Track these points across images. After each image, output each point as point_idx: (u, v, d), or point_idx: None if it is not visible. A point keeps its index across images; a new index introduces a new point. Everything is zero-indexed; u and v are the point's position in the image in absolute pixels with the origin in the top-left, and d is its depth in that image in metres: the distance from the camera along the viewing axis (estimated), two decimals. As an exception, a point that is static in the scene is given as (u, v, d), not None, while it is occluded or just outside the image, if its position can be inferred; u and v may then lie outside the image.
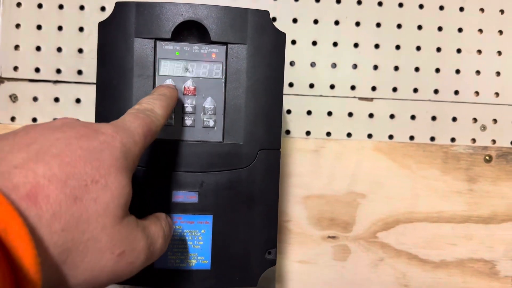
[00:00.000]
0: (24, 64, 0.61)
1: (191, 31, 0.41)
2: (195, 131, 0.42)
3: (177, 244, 0.41)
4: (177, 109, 0.42)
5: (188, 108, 0.41)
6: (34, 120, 0.61)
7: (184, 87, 0.41)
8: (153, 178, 0.40)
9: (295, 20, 0.61)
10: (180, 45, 0.41)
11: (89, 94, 0.61)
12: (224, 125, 0.41)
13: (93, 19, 0.61)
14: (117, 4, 0.40)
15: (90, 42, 0.61)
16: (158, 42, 0.41)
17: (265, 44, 0.41)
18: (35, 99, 0.61)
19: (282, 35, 0.42)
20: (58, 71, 0.61)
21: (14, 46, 0.61)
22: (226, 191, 0.41)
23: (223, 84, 0.42)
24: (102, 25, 0.41)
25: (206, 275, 0.41)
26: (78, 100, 0.61)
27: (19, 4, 0.61)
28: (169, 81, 0.41)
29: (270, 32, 0.42)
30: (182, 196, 0.40)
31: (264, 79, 0.42)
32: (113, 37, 0.40)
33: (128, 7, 0.40)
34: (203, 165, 0.41)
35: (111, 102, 0.40)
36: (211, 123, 0.42)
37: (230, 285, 0.41)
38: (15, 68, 0.61)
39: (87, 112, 0.61)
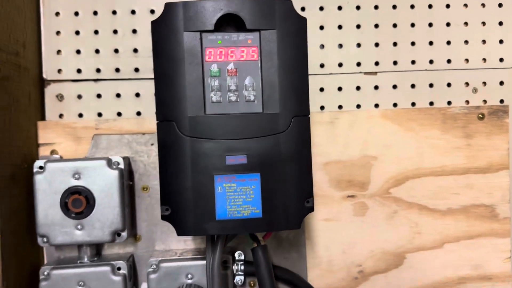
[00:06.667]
0: (66, 66, 0.69)
1: (229, 22, 0.50)
2: (239, 105, 0.50)
3: (233, 198, 0.49)
4: (223, 88, 0.50)
5: (232, 87, 0.50)
6: (80, 115, 0.69)
7: (227, 69, 0.50)
8: (209, 145, 0.49)
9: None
10: (222, 34, 0.49)
11: (129, 89, 0.69)
12: (263, 98, 0.50)
13: (126, 21, 0.69)
14: (166, 4, 0.49)
15: (125, 43, 0.69)
16: (203, 34, 0.49)
17: (290, 28, 0.50)
18: (79, 96, 0.69)
19: (304, 20, 0.51)
20: (98, 70, 0.69)
21: (56, 51, 0.69)
22: (269, 153, 0.50)
23: (259, 64, 0.50)
24: (154, 23, 0.49)
25: (259, 222, 0.49)
26: (118, 95, 0.69)
27: (57, 14, 0.69)
28: (214, 65, 0.50)
29: (294, 18, 0.50)
30: (234, 159, 0.49)
31: (292, 57, 0.50)
32: (165, 32, 0.49)
33: (176, 7, 0.48)
34: (249, 133, 0.49)
35: (168, 88, 0.49)
36: (252, 97, 0.50)
37: (279, 229, 0.50)
38: (59, 71, 0.69)
39: (129, 104, 0.69)
